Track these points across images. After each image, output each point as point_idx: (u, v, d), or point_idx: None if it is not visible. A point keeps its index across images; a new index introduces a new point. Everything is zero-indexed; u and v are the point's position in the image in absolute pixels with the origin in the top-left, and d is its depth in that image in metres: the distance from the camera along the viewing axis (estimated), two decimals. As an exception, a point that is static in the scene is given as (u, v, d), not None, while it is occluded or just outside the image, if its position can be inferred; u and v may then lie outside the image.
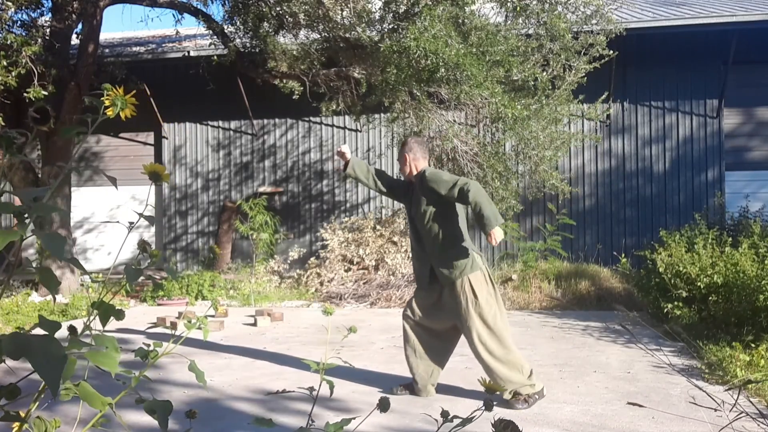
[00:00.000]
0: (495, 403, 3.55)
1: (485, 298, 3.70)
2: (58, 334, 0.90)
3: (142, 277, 1.07)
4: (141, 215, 1.08)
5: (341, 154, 4.04)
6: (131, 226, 1.14)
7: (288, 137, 11.12)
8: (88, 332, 1.07)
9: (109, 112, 1.06)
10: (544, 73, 6.97)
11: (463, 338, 3.88)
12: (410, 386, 4.01)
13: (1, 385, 0.99)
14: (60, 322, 0.98)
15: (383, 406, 1.21)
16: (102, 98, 1.06)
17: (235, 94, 10.45)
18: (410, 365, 3.98)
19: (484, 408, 1.01)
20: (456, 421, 1.03)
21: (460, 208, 3.86)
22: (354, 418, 1.24)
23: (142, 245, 1.12)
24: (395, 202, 10.73)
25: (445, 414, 1.09)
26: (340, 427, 1.14)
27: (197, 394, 4.03)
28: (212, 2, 9.53)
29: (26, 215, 0.88)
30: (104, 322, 1.05)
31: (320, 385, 1.32)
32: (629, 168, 10.16)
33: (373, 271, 8.81)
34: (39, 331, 0.98)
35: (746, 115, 10.13)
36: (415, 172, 3.96)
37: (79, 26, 9.02)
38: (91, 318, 1.07)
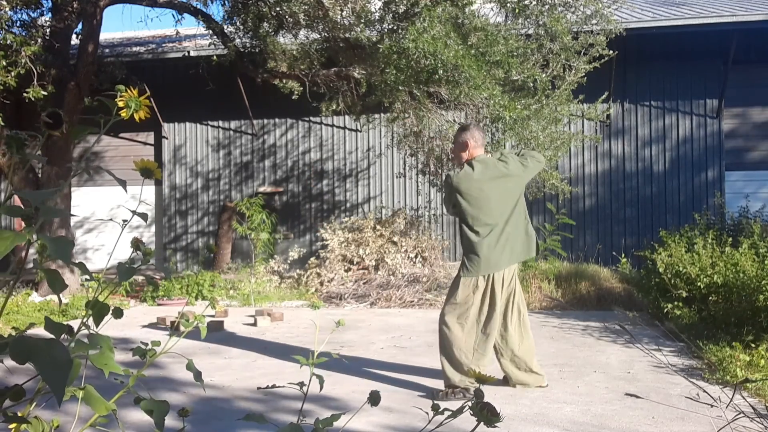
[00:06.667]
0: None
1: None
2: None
3: (141, 277, 1.07)
4: (134, 212, 1.08)
5: None
6: (125, 224, 1.14)
7: (288, 137, 11.12)
8: (84, 331, 1.07)
9: (124, 114, 1.05)
10: (544, 74, 6.97)
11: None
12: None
13: (5, 386, 0.99)
14: (62, 323, 0.98)
15: (373, 399, 1.22)
16: (115, 99, 1.05)
17: (235, 94, 10.46)
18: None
19: (474, 398, 1.00)
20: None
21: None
22: (343, 413, 1.24)
23: (135, 243, 1.12)
24: (395, 202, 10.75)
25: (435, 407, 1.08)
26: (329, 422, 1.14)
27: (198, 393, 4.04)
28: (212, 2, 9.50)
29: (33, 218, 0.88)
30: (98, 321, 1.04)
31: (310, 380, 1.32)
32: (629, 168, 10.16)
33: (373, 271, 8.80)
34: (35, 331, 0.98)
35: (746, 115, 10.13)
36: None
37: (79, 26, 9.01)
38: (87, 317, 1.07)
